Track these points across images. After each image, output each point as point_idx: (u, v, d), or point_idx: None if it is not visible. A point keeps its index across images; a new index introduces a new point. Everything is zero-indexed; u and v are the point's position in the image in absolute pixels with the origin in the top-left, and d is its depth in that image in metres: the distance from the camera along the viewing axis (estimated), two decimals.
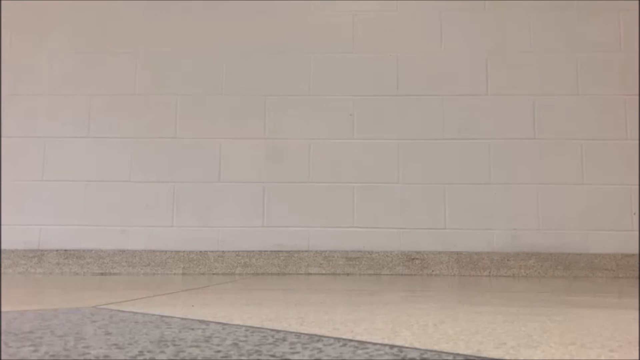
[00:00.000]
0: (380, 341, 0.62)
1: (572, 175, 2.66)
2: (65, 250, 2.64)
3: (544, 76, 2.73)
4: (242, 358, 0.51)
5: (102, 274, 2.56)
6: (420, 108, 2.73)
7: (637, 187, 2.63)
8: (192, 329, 0.70)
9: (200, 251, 2.64)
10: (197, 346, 0.57)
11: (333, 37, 2.79)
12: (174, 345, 0.58)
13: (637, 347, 0.59)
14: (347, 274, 2.59)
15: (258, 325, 0.75)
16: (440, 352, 0.55)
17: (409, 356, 0.53)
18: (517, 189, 2.66)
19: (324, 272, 2.61)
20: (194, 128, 2.74)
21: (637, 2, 2.74)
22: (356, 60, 2.77)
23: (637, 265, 2.55)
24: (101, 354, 0.52)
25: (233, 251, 2.64)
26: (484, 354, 0.54)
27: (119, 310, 0.92)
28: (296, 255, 2.63)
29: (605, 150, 2.66)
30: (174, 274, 2.58)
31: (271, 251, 2.63)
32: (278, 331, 0.69)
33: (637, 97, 2.68)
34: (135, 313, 0.89)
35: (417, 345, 0.59)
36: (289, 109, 2.75)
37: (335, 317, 0.86)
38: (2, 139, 2.73)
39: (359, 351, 0.55)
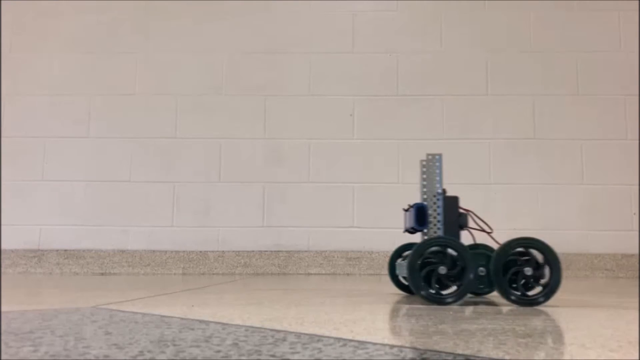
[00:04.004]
0: (380, 341, 0.62)
1: (572, 175, 2.66)
2: (65, 250, 2.64)
3: (544, 76, 2.73)
4: (242, 358, 0.51)
5: (102, 274, 2.56)
6: (420, 108, 2.73)
7: (637, 187, 2.63)
8: (192, 329, 0.70)
9: (200, 251, 2.64)
10: (197, 346, 0.57)
11: (333, 37, 2.79)
12: (174, 345, 0.58)
13: (637, 347, 0.59)
14: (347, 274, 2.59)
15: (258, 325, 0.75)
16: (440, 352, 0.55)
17: (409, 356, 0.53)
18: (517, 189, 2.66)
19: (324, 272, 2.61)
20: (194, 128, 2.74)
21: (637, 2, 2.74)
22: (356, 60, 2.77)
23: (637, 265, 2.55)
24: (101, 354, 0.52)
25: (233, 251, 2.64)
26: (484, 354, 0.54)
27: (119, 310, 0.92)
28: (296, 255, 2.63)
29: (605, 150, 2.66)
30: (174, 274, 2.58)
31: (271, 251, 2.63)
32: (278, 331, 0.69)
33: (637, 97, 2.68)
34: (135, 313, 0.89)
35: (417, 345, 0.59)
36: (289, 109, 2.75)
37: (335, 317, 0.86)
38: (2, 139, 2.73)
39: (359, 351, 0.55)
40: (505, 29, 2.77)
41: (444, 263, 1.10)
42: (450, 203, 1.21)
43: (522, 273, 1.09)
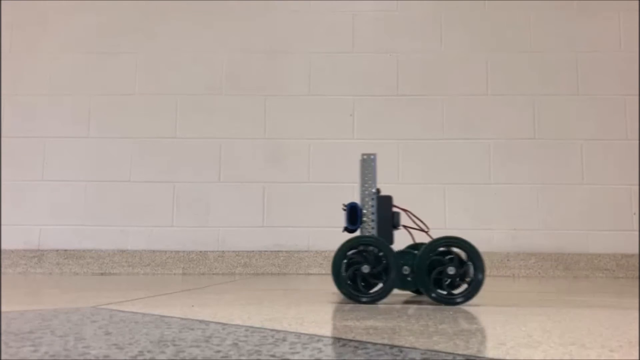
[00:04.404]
0: (380, 341, 0.62)
1: (572, 175, 2.66)
2: (65, 250, 2.64)
3: (544, 76, 2.73)
4: (242, 358, 0.51)
5: (102, 274, 2.56)
6: (420, 108, 2.73)
7: (637, 187, 2.62)
8: (192, 329, 0.70)
9: (200, 251, 2.64)
10: (197, 346, 0.57)
11: (333, 37, 2.79)
12: (174, 345, 0.58)
13: (637, 347, 0.59)
14: None
15: (258, 325, 0.75)
16: (440, 352, 0.55)
17: (409, 356, 0.53)
18: (517, 189, 2.66)
19: (324, 272, 2.61)
20: (194, 128, 2.74)
21: (637, 2, 2.74)
22: (356, 60, 2.77)
23: (637, 265, 2.55)
24: (101, 354, 0.52)
25: (233, 251, 2.64)
26: (484, 354, 0.54)
27: (119, 310, 0.92)
28: (296, 255, 2.63)
29: (605, 150, 2.66)
30: (174, 274, 2.58)
31: (271, 251, 2.63)
32: (278, 331, 0.69)
33: (637, 97, 2.68)
34: (135, 313, 0.89)
35: (417, 346, 0.59)
36: (289, 109, 2.75)
37: (334, 317, 0.86)
38: (2, 139, 2.73)
39: (359, 351, 0.55)
40: (505, 29, 2.77)
41: (368, 262, 1.11)
42: (383, 202, 1.23)
43: (445, 272, 1.10)
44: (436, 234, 1.31)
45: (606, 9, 2.75)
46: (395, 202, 1.28)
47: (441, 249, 1.13)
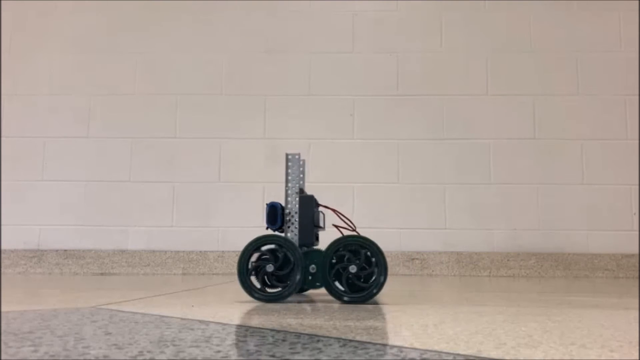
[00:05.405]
0: (380, 341, 0.62)
1: (572, 175, 2.66)
2: (65, 250, 2.64)
3: (544, 76, 2.73)
4: (242, 358, 0.51)
5: (101, 274, 2.56)
6: (420, 108, 2.73)
7: (637, 187, 2.63)
8: (192, 329, 0.70)
9: (200, 251, 2.64)
10: (197, 346, 0.57)
11: (333, 37, 2.79)
12: (174, 345, 0.58)
13: (637, 347, 0.59)
14: None
15: (258, 325, 0.75)
16: (440, 352, 0.55)
17: (409, 356, 0.53)
18: (517, 189, 2.66)
19: None
20: (194, 128, 2.74)
21: (637, 2, 2.74)
22: (356, 60, 2.77)
23: (637, 265, 2.55)
24: (101, 354, 0.52)
25: (233, 251, 2.64)
26: (484, 354, 0.54)
27: (118, 310, 0.92)
28: None
29: (605, 150, 2.66)
30: (174, 274, 2.58)
31: None
32: (278, 331, 0.69)
33: (637, 97, 2.68)
34: (135, 313, 0.89)
35: (417, 346, 0.59)
36: (289, 109, 2.75)
37: (335, 317, 0.86)
38: (2, 139, 2.73)
39: (359, 351, 0.55)
40: (505, 29, 2.77)
41: (273, 261, 1.13)
42: (305, 202, 1.23)
43: (348, 270, 1.12)
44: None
45: (606, 9, 2.75)
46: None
47: (346, 248, 1.14)
